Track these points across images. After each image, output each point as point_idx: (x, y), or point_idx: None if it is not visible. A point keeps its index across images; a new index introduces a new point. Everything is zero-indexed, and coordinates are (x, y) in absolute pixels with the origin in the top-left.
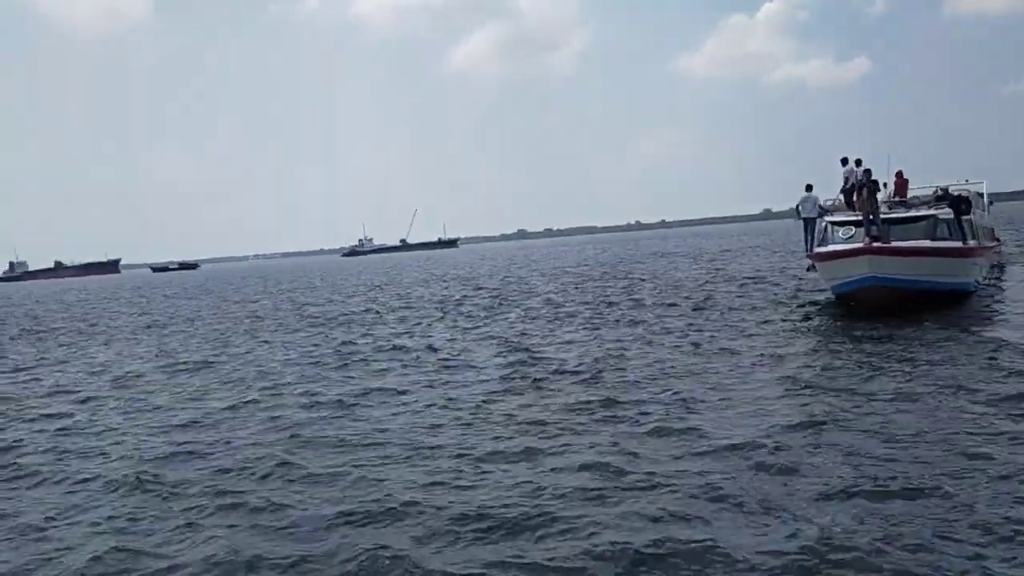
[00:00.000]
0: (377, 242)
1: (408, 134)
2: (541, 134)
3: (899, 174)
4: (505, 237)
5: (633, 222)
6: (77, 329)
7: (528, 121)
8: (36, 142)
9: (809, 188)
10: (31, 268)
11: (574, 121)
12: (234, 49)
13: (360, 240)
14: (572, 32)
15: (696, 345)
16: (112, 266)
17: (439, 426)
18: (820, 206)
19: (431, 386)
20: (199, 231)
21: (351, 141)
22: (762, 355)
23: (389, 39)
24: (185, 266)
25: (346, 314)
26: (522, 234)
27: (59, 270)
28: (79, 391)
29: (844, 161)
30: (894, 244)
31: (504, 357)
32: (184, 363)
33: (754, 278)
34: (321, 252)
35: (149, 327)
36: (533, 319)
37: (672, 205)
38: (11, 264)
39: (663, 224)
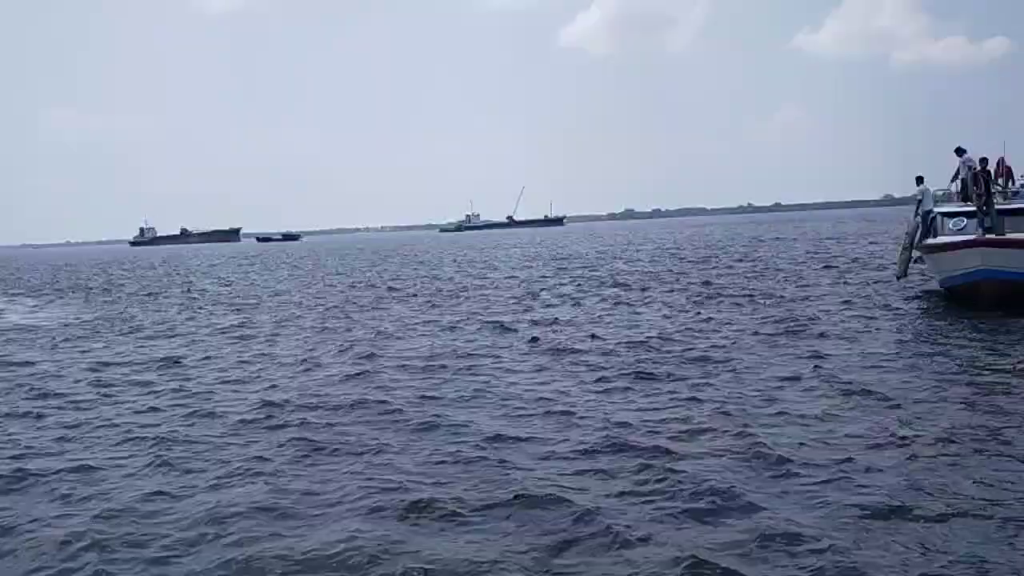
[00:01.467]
0: (484, 218)
1: (518, 110)
2: (652, 112)
3: (1000, 161)
4: (612, 216)
5: (746, 204)
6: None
7: (640, 99)
8: (164, 113)
9: (920, 180)
10: (159, 234)
11: (687, 100)
12: (347, 24)
13: (467, 216)
14: (689, 8)
15: (788, 335)
16: (233, 234)
17: None
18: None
19: None
20: (310, 202)
21: (461, 116)
22: (857, 353)
23: (501, 14)
24: (288, 237)
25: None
26: (629, 214)
27: (184, 236)
28: None
29: (959, 151)
30: (1009, 236)
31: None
32: None
33: (858, 267)
34: (429, 227)
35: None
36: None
37: (787, 188)
38: (141, 230)
39: (777, 207)
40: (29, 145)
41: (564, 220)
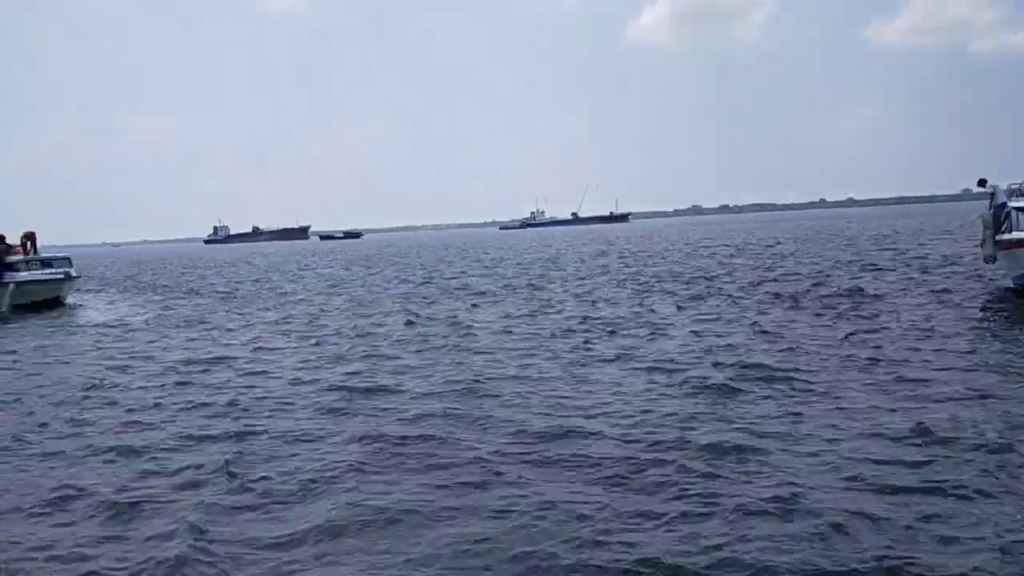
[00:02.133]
0: (549, 215)
1: (583, 107)
2: (720, 107)
3: None
4: (678, 213)
5: (817, 199)
6: None
7: (707, 93)
8: (236, 113)
9: (983, 183)
10: (232, 232)
11: (756, 93)
12: (411, 22)
13: (532, 213)
14: (757, 1)
15: (848, 337)
16: (302, 232)
17: None
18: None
19: None
20: (376, 201)
21: (527, 114)
22: (921, 353)
23: (566, 12)
24: (350, 235)
25: None
26: (696, 210)
27: (256, 235)
28: None
29: None
30: None
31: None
32: None
33: (927, 264)
34: (494, 223)
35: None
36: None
37: (861, 182)
38: (215, 228)
39: (850, 202)
40: (107, 147)
41: (629, 217)
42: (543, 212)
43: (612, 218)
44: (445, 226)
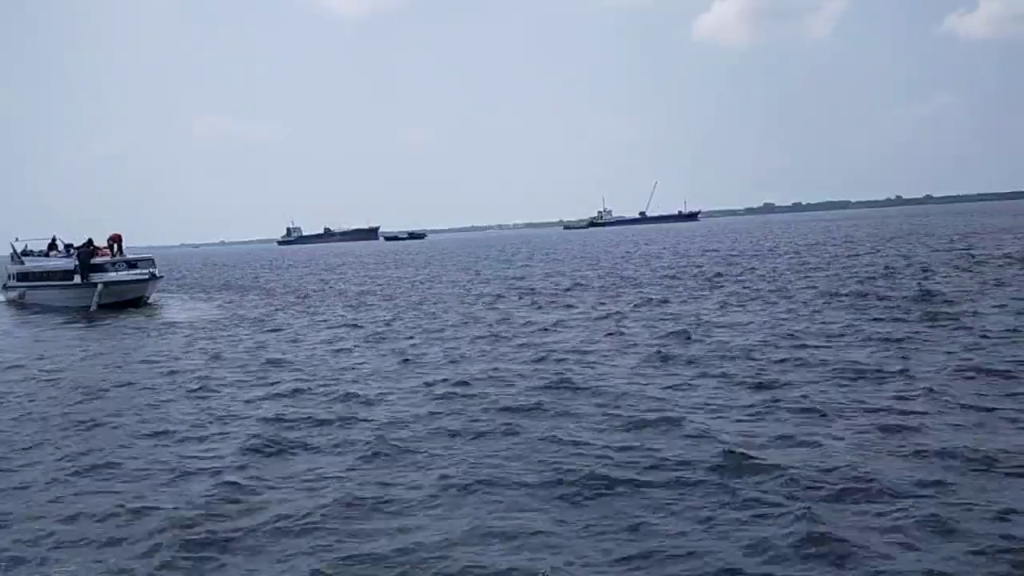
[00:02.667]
0: (616, 214)
1: (650, 104)
2: (792, 102)
3: None
4: (750, 211)
5: (893, 197)
6: None
7: (778, 89)
8: (306, 117)
9: None
10: (304, 233)
11: (829, 89)
12: (475, 25)
13: (599, 212)
14: None
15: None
16: (372, 233)
17: None
18: None
19: None
20: (445, 201)
21: (592, 112)
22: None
23: (631, 8)
24: (413, 236)
25: None
26: (768, 208)
27: (327, 236)
28: None
29: None
30: None
31: None
32: None
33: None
34: (560, 223)
35: None
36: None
37: (939, 179)
38: (288, 230)
39: (928, 199)
40: (186, 151)
41: (699, 215)
42: (610, 211)
43: (681, 217)
44: (512, 226)
